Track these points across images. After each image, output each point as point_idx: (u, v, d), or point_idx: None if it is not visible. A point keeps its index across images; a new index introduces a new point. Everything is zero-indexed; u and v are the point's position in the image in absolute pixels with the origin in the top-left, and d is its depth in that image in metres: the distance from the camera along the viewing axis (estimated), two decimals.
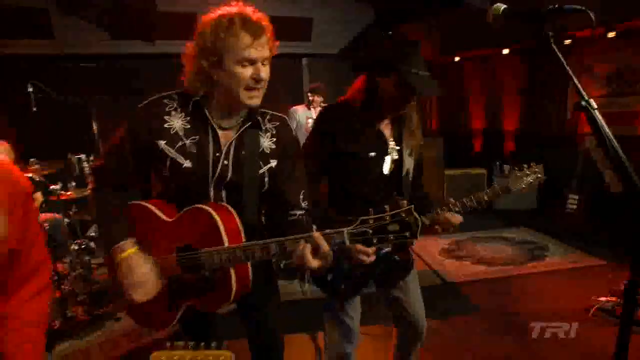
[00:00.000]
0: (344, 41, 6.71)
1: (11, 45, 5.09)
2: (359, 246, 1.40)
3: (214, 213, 1.31)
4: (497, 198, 1.90)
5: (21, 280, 1.09)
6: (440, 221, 1.82)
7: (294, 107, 4.76)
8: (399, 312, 1.96)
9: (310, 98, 4.64)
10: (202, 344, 0.97)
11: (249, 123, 1.43)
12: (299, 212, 1.49)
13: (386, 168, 1.79)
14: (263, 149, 1.46)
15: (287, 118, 1.56)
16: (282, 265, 3.85)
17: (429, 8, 5.92)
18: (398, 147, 1.80)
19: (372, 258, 1.48)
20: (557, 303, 3.24)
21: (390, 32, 6.81)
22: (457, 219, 1.83)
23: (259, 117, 1.45)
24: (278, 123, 1.51)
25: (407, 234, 1.14)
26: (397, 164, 1.81)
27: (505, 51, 5.97)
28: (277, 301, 1.71)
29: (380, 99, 1.71)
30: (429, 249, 4.47)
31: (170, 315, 1.39)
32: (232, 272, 1.33)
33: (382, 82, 1.68)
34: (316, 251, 1.21)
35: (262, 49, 1.29)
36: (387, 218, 1.14)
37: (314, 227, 1.40)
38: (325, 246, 1.20)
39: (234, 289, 1.33)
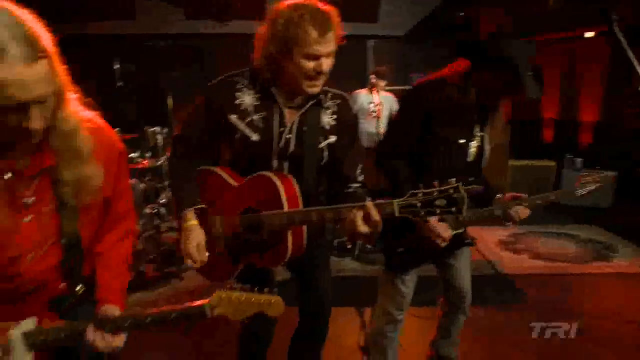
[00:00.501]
0: (412, 23, 6.56)
1: (98, 27, 5.59)
2: (437, 230, 1.65)
3: (276, 180, 1.46)
4: (563, 200, 1.89)
5: (111, 225, 1.26)
6: (508, 214, 1.84)
7: (356, 92, 4.66)
8: (449, 277, 2.06)
9: (373, 81, 4.54)
10: (257, 288, 1.11)
11: (312, 102, 1.53)
12: (355, 185, 1.61)
13: (470, 155, 1.81)
14: (323, 125, 1.57)
15: (348, 97, 1.65)
16: (335, 242, 3.99)
17: None
18: (481, 134, 1.82)
19: (446, 243, 1.67)
20: (618, 306, 3.07)
21: (462, 14, 6.56)
22: (524, 212, 1.84)
23: (322, 95, 1.55)
24: (339, 101, 1.60)
25: (453, 209, 1.19)
26: (479, 151, 1.83)
27: (589, 34, 5.49)
28: (327, 267, 1.85)
29: (480, 89, 1.69)
30: (486, 239, 4.36)
31: (232, 269, 1.58)
32: (289, 234, 1.48)
33: (488, 74, 1.65)
34: (367, 218, 1.30)
35: (327, 45, 1.37)
36: (436, 193, 1.19)
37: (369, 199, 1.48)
38: (375, 214, 1.28)
39: (289, 249, 1.48)
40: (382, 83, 4.60)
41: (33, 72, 0.84)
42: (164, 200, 4.78)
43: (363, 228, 1.30)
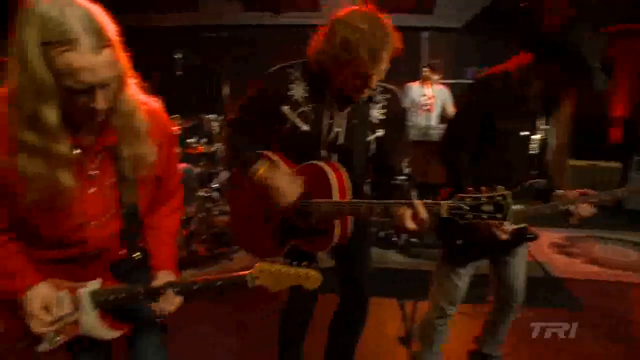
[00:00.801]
0: (470, 14, 6.34)
1: (161, 19, 5.88)
2: (499, 224, 1.58)
3: (328, 170, 1.53)
4: (632, 195, 1.78)
5: (163, 200, 1.38)
6: (571, 212, 1.73)
7: (408, 84, 4.64)
8: (503, 275, 2.03)
9: (426, 74, 4.47)
10: (295, 262, 1.18)
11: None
12: (400, 178, 1.64)
13: (533, 148, 1.78)
14: (372, 119, 1.61)
15: (397, 91, 1.68)
16: (382, 234, 4.01)
17: None
18: (546, 127, 1.78)
19: (506, 236, 1.65)
20: None
21: (525, 4, 6.25)
22: (587, 210, 1.72)
23: (376, 89, 1.59)
24: (389, 95, 1.63)
25: (499, 215, 1.22)
26: (543, 144, 1.79)
27: None
28: (368, 257, 1.90)
29: (546, 81, 1.66)
30: (537, 240, 4.18)
31: (278, 249, 1.67)
32: (336, 223, 1.54)
33: (554, 67, 1.60)
34: (414, 216, 1.34)
35: (378, 66, 1.41)
36: (484, 198, 1.23)
37: (415, 192, 1.52)
38: (423, 213, 1.33)
39: (335, 237, 1.55)
40: (436, 76, 4.52)
41: (100, 59, 0.94)
42: (216, 185, 5.01)
43: (410, 225, 1.35)
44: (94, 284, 1.24)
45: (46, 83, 0.93)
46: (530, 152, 1.78)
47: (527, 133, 1.74)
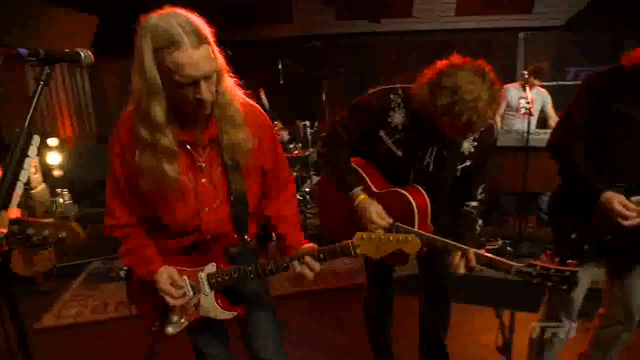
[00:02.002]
0: (572, 11, 5.94)
1: (259, 32, 6.28)
2: (615, 204, 1.49)
3: (412, 200, 1.61)
4: None
5: (281, 188, 1.52)
6: None
7: (507, 86, 4.41)
8: (619, 289, 1.79)
9: (527, 77, 4.27)
10: (394, 230, 1.36)
11: None
12: (473, 204, 1.70)
13: None
14: (463, 151, 1.66)
15: (494, 122, 1.67)
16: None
17: None
18: None
19: (632, 222, 1.49)
20: None
21: None
22: None
23: None
24: (484, 128, 1.59)
25: (565, 287, 1.33)
26: None
27: None
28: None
29: None
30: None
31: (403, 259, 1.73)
32: None
33: None
34: (468, 264, 1.46)
35: (485, 114, 1.40)
36: (553, 270, 1.33)
37: (479, 220, 1.66)
38: (473, 263, 1.45)
39: (407, 261, 1.62)
40: (538, 83, 4.30)
41: (200, 54, 1.12)
42: (307, 189, 5.25)
43: (461, 270, 1.47)
44: (210, 268, 1.41)
45: (156, 82, 1.14)
46: None
47: None
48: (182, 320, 1.46)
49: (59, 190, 4.04)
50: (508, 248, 3.82)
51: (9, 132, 4.52)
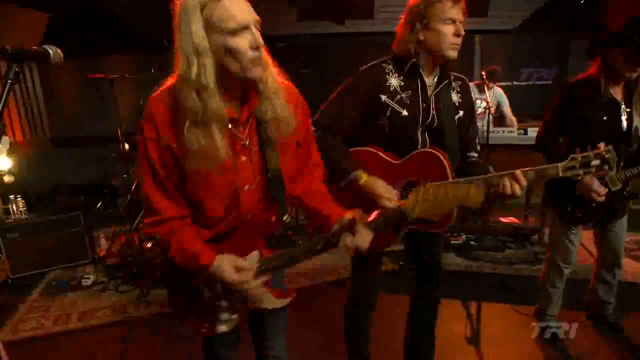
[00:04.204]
0: (523, 15, 6.26)
1: None
2: (591, 185, 2.10)
3: (440, 154, 1.70)
4: None
5: (312, 170, 1.50)
6: None
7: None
8: (607, 239, 2.47)
9: (484, 78, 4.46)
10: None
11: (445, 81, 1.76)
12: (474, 154, 1.88)
13: (621, 126, 2.19)
14: (454, 102, 1.80)
15: (466, 78, 1.88)
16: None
17: None
18: (628, 110, 2.19)
19: (602, 198, 2.12)
20: None
21: (582, 2, 6.11)
22: None
23: (450, 77, 1.78)
24: (460, 82, 1.86)
25: (606, 166, 1.47)
26: (629, 123, 2.20)
27: None
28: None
29: (612, 69, 2.12)
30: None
31: (394, 236, 1.82)
32: None
33: (615, 52, 2.09)
34: (519, 183, 1.55)
35: (460, 12, 1.64)
36: (591, 155, 1.48)
37: (491, 165, 1.82)
38: (523, 182, 1.55)
39: (454, 213, 1.69)
40: (492, 85, 4.50)
41: (242, 3, 1.14)
42: None
43: (517, 191, 1.55)
44: (254, 256, 1.34)
45: (204, 44, 1.11)
46: (619, 131, 2.18)
47: (606, 117, 2.17)
48: (234, 316, 1.39)
49: (12, 196, 3.82)
50: (472, 242, 3.97)
51: None
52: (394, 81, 1.75)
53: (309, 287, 3.40)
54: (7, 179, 4.22)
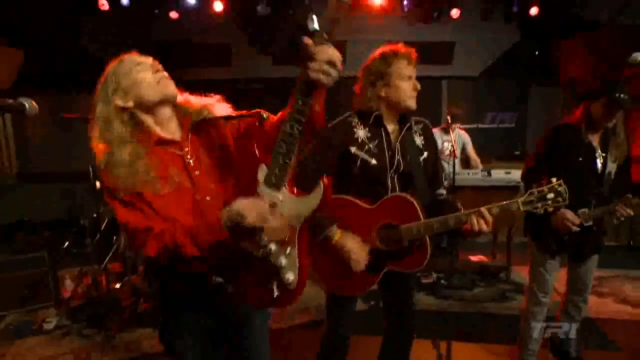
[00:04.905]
0: (486, 62, 6.70)
1: (195, 73, 6.35)
2: (565, 215, 2.24)
3: (409, 197, 1.82)
4: None
5: None
6: (615, 210, 2.33)
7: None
8: (577, 272, 2.58)
9: (449, 121, 4.71)
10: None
11: (407, 125, 1.91)
12: (442, 191, 2.00)
13: (596, 168, 2.38)
14: (418, 145, 1.94)
15: (426, 120, 2.04)
16: None
17: (577, 26, 5.62)
18: (604, 154, 2.39)
19: (575, 227, 2.26)
20: None
21: (537, 52, 6.60)
22: (628, 213, 2.31)
23: (411, 121, 1.94)
24: (422, 125, 2.02)
25: (560, 199, 1.67)
26: (603, 168, 2.39)
27: None
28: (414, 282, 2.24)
29: (592, 118, 2.33)
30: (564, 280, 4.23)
31: (373, 278, 1.89)
32: (427, 239, 1.83)
33: (594, 105, 2.31)
34: (485, 219, 1.69)
35: (414, 70, 1.84)
36: (546, 189, 1.68)
37: (459, 202, 1.91)
38: (489, 218, 1.70)
39: (429, 251, 1.82)
40: (456, 125, 4.74)
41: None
42: None
43: (485, 228, 1.68)
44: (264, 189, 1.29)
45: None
46: (595, 174, 2.37)
47: (581, 159, 2.36)
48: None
49: None
50: (442, 281, 4.05)
51: None
52: (361, 133, 1.87)
53: (279, 330, 3.36)
54: None
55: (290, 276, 1.33)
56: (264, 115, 1.37)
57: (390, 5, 5.49)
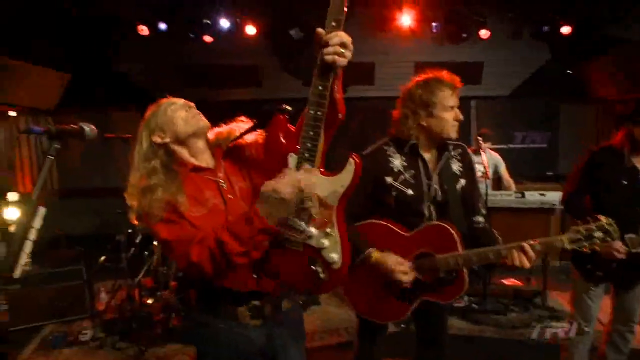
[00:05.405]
0: (516, 82, 6.64)
1: (227, 93, 6.55)
2: (613, 245, 2.09)
3: (449, 227, 1.77)
4: None
5: None
6: None
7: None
8: (624, 301, 2.47)
9: (480, 142, 4.67)
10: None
11: (444, 153, 1.86)
12: (480, 219, 1.93)
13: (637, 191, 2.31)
14: (455, 171, 1.89)
15: (464, 144, 1.99)
16: None
17: (608, 44, 5.53)
18: None
19: (622, 256, 2.14)
20: None
21: (568, 71, 6.51)
22: None
23: (450, 147, 1.89)
24: (460, 150, 1.97)
25: (609, 238, 1.61)
26: None
27: None
28: (447, 317, 2.15)
29: (636, 141, 2.31)
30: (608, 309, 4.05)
31: (406, 307, 1.84)
32: (465, 271, 1.78)
33: (638, 129, 2.29)
34: (527, 255, 1.64)
35: (457, 99, 1.78)
36: (594, 228, 1.62)
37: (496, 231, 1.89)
38: (532, 254, 1.63)
39: (466, 284, 1.78)
40: (487, 144, 4.69)
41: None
42: None
43: (527, 264, 1.63)
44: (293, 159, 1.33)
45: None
46: (637, 195, 2.30)
47: (625, 182, 2.31)
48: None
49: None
50: (474, 305, 3.96)
51: None
52: (396, 162, 1.85)
53: (307, 350, 3.33)
54: (13, 229, 4.29)
55: (335, 255, 1.31)
56: (288, 108, 1.41)
57: (418, 26, 5.55)
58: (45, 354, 3.33)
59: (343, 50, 1.21)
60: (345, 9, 1.22)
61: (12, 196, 4.54)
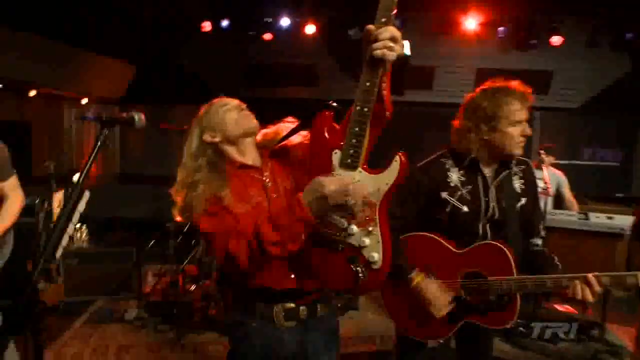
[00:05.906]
0: (588, 94, 6.18)
1: (284, 91, 6.63)
2: None
3: (505, 248, 1.64)
4: None
5: None
6: None
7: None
8: None
9: (542, 157, 4.39)
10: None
11: (505, 170, 1.72)
12: (538, 242, 1.77)
13: None
14: (516, 189, 1.75)
15: (529, 161, 1.82)
16: None
17: None
18: None
19: None
20: None
21: None
22: None
23: (512, 163, 1.74)
24: (524, 166, 1.80)
25: None
26: None
27: None
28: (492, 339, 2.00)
29: None
30: None
31: (449, 328, 1.73)
32: (518, 297, 1.65)
33: None
34: (591, 289, 1.48)
35: (527, 113, 1.62)
36: None
37: (554, 255, 1.71)
38: (597, 288, 1.46)
39: (517, 311, 1.64)
40: (550, 159, 4.40)
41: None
42: None
43: (590, 297, 1.47)
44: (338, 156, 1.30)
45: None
46: None
47: None
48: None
49: (77, 224, 4.11)
50: (521, 328, 3.71)
51: (40, 167, 4.71)
52: (454, 176, 1.72)
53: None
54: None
55: (376, 255, 1.27)
56: (335, 105, 1.37)
57: (483, 30, 5.30)
58: (92, 327, 3.52)
59: (392, 45, 1.18)
60: (395, 8, 1.19)
61: (76, 177, 4.85)
